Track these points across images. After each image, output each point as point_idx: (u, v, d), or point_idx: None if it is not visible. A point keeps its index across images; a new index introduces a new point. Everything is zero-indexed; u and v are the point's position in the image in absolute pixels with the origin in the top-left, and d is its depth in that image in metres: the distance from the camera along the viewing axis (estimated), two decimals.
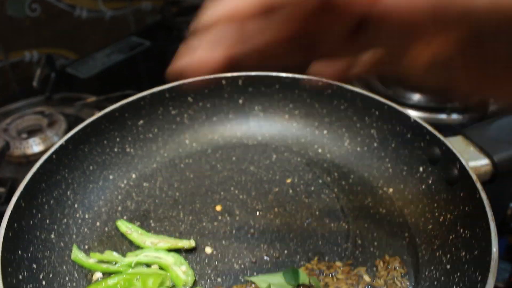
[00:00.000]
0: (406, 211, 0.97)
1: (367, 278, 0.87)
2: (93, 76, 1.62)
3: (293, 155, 1.11)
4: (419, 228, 0.93)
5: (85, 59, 1.71)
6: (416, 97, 1.42)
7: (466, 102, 1.36)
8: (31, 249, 0.86)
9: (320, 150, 1.12)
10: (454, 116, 1.35)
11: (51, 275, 0.86)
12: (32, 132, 1.35)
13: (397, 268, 0.88)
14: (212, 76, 1.12)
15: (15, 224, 0.84)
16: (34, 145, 1.31)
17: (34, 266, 0.85)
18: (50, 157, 0.95)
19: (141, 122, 1.11)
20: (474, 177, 0.84)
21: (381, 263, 0.89)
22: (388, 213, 0.98)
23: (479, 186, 0.83)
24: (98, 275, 0.89)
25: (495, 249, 0.74)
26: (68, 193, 0.98)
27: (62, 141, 0.97)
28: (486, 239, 0.77)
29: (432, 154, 0.95)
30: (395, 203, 0.99)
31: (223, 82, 1.13)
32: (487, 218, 0.78)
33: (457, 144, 0.93)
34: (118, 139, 1.08)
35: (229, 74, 1.14)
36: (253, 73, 1.14)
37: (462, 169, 0.87)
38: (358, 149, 1.09)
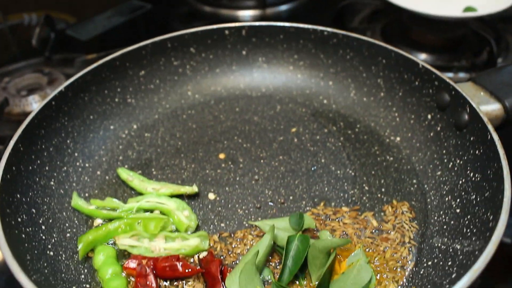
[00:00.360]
0: (414, 159, 0.95)
1: (374, 222, 0.85)
2: (93, 38, 1.58)
3: (298, 106, 1.09)
4: (428, 175, 0.91)
5: (85, 22, 1.67)
6: (422, 56, 1.39)
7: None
8: (30, 194, 0.84)
9: (325, 101, 1.09)
10: (461, 75, 1.32)
11: (50, 221, 0.84)
12: (31, 90, 1.33)
13: (405, 213, 0.86)
14: (215, 26, 1.11)
15: (13, 168, 0.82)
16: (34, 103, 1.28)
17: (33, 210, 0.83)
18: (49, 103, 0.92)
19: (143, 72, 1.08)
20: (485, 118, 0.82)
21: (389, 208, 0.87)
22: (395, 160, 0.95)
23: (490, 127, 0.81)
24: (99, 221, 0.87)
25: (508, 186, 0.72)
26: (68, 141, 0.96)
27: (61, 87, 0.95)
28: (498, 179, 0.74)
29: (441, 100, 0.93)
30: (403, 151, 0.97)
31: (226, 32, 1.11)
32: (499, 158, 0.76)
33: (467, 90, 0.90)
34: (119, 89, 1.05)
35: (232, 24, 1.11)
36: (256, 23, 1.11)
37: (472, 112, 0.85)
38: (364, 99, 1.07)
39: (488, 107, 0.88)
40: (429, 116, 0.96)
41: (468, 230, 0.77)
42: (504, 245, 1.04)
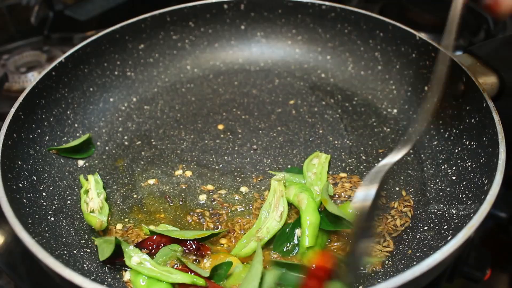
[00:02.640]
0: (411, 130, 0.96)
1: None
2: (92, 18, 1.59)
3: (296, 80, 1.09)
4: (424, 145, 0.92)
5: (83, 2, 1.68)
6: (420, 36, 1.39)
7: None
8: (31, 161, 0.85)
9: (323, 75, 1.10)
10: (459, 54, 1.33)
11: (51, 188, 0.85)
12: (31, 67, 1.33)
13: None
14: (213, 0, 1.11)
15: (14, 135, 0.83)
16: (33, 80, 1.28)
17: (34, 178, 0.84)
18: (49, 73, 0.93)
19: (142, 46, 1.09)
20: (480, 87, 0.83)
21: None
22: (392, 131, 0.96)
23: (485, 95, 0.82)
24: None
25: (502, 149, 0.73)
26: (68, 112, 0.97)
27: (61, 58, 0.96)
28: (493, 144, 0.76)
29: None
30: (400, 122, 0.98)
31: (225, 6, 1.11)
32: (494, 124, 0.77)
33: (463, 61, 0.91)
34: (118, 62, 1.06)
35: None
36: None
37: (468, 82, 0.86)
38: (362, 72, 1.07)
39: (484, 78, 0.88)
40: (426, 88, 0.97)
41: (464, 196, 0.78)
42: (500, 219, 1.05)
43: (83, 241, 0.80)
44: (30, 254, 0.65)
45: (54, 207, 0.83)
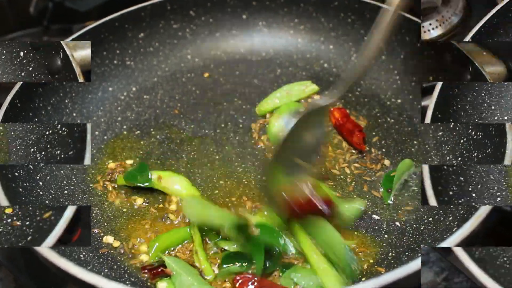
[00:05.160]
0: (415, 120, 0.94)
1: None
2: (92, 9, 1.57)
3: (298, 70, 1.08)
4: (429, 135, 0.91)
5: None
6: None
7: None
8: None
9: (326, 65, 1.08)
10: None
11: (48, 177, 0.84)
12: None
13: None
14: None
15: (11, 123, 0.81)
16: None
17: (31, 166, 0.82)
18: None
19: (142, 35, 1.07)
20: (487, 76, 0.81)
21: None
22: (396, 122, 0.95)
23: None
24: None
25: (510, 138, 0.71)
26: (66, 101, 0.95)
27: None
28: (500, 134, 0.74)
29: (442, 61, 0.92)
30: (404, 113, 0.96)
31: None
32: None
33: (470, 50, 0.89)
34: (117, 51, 1.04)
35: None
36: None
37: (475, 71, 0.84)
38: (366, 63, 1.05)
39: (491, 67, 0.86)
40: (431, 78, 0.95)
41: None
42: (505, 213, 1.03)
43: None
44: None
45: (50, 196, 0.81)
